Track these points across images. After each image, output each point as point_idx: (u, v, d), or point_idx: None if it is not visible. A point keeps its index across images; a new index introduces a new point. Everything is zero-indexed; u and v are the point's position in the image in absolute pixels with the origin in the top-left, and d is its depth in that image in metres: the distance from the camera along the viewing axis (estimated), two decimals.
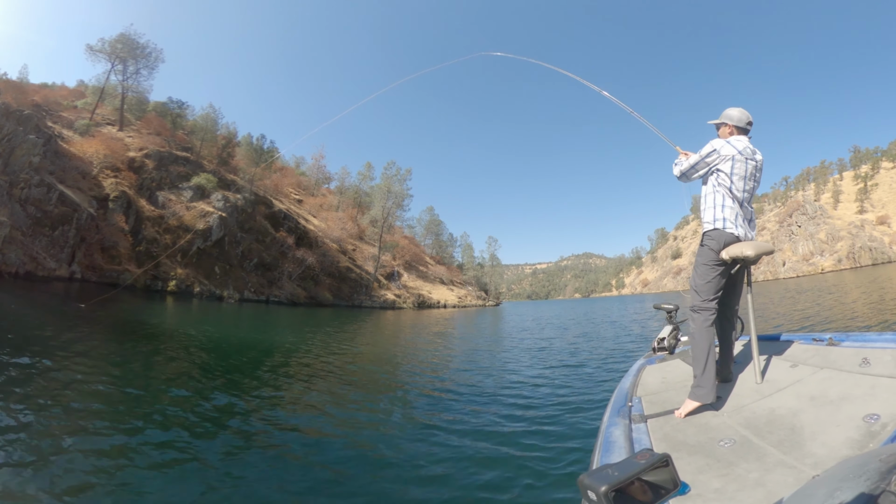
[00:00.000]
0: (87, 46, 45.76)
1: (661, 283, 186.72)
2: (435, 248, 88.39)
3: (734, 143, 2.70)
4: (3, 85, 38.96)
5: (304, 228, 51.12)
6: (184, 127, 52.91)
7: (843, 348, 2.57)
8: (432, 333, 19.57)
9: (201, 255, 36.89)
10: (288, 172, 71.65)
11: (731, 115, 2.83)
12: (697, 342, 2.54)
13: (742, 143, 2.72)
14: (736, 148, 2.68)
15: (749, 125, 2.83)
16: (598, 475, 1.00)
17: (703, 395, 2.34)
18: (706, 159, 2.77)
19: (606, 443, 2.03)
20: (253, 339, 14.24)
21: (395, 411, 6.34)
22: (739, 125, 2.81)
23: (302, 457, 4.37)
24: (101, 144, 37.33)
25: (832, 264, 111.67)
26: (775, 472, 1.58)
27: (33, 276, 25.32)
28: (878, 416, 1.71)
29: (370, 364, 10.83)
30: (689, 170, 2.87)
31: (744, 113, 2.82)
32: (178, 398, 6.18)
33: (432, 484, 3.77)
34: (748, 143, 2.76)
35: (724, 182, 2.70)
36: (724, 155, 2.69)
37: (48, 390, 5.75)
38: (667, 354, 3.79)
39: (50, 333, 10.06)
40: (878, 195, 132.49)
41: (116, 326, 13.91)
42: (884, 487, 0.69)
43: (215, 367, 8.84)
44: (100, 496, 3.36)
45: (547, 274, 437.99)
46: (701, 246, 2.76)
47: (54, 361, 7.28)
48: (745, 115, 2.82)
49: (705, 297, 2.64)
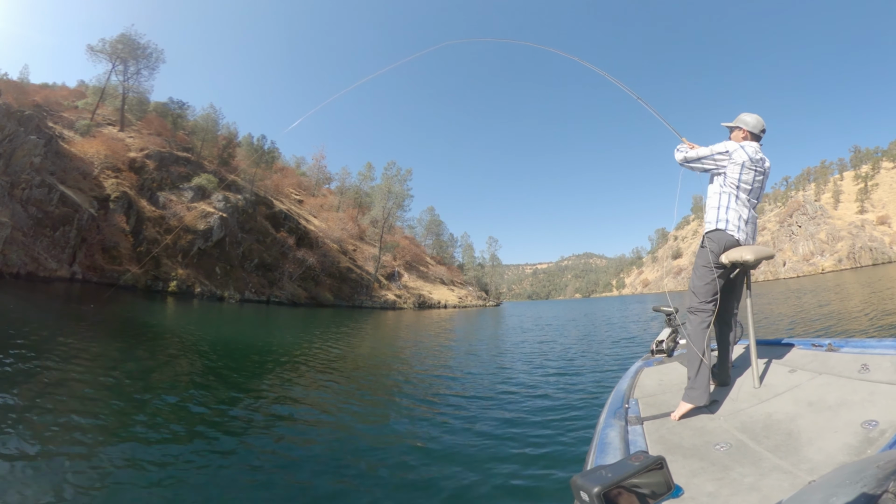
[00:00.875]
0: (87, 47, 45.89)
1: (662, 283, 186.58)
2: (435, 248, 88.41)
3: (747, 150, 2.69)
4: (4, 85, 38.97)
5: (305, 229, 51.15)
6: (184, 127, 52.95)
7: (842, 354, 2.56)
8: (432, 334, 19.58)
9: (202, 256, 36.92)
10: (288, 173, 71.74)
11: (746, 121, 2.82)
12: (693, 343, 2.54)
13: (753, 150, 2.71)
14: (748, 154, 2.67)
15: (762, 133, 2.82)
16: (592, 476, 1.00)
17: (697, 397, 2.35)
18: (715, 157, 2.74)
19: (601, 444, 2.03)
20: (254, 339, 14.25)
21: (392, 411, 6.35)
22: (754, 131, 2.80)
23: (300, 456, 4.40)
24: (101, 145, 37.39)
25: (832, 264, 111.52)
26: (770, 476, 1.57)
27: (34, 277, 25.36)
28: (877, 423, 1.70)
29: (370, 365, 10.84)
30: (695, 160, 2.84)
31: (759, 120, 2.81)
32: (182, 398, 6.20)
33: (429, 484, 3.79)
34: (759, 151, 2.75)
35: (731, 185, 2.69)
36: (734, 159, 2.67)
37: (61, 390, 5.79)
38: (665, 357, 3.78)
39: (62, 334, 10.11)
40: (878, 195, 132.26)
41: (120, 327, 13.95)
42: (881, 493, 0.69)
43: (217, 368, 8.86)
44: (101, 496, 3.38)
45: (547, 274, 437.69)
46: (701, 247, 2.75)
47: (61, 362, 7.32)
48: (761, 123, 2.81)
49: (703, 299, 2.63)
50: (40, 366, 7.02)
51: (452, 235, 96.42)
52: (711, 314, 2.61)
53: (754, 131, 2.80)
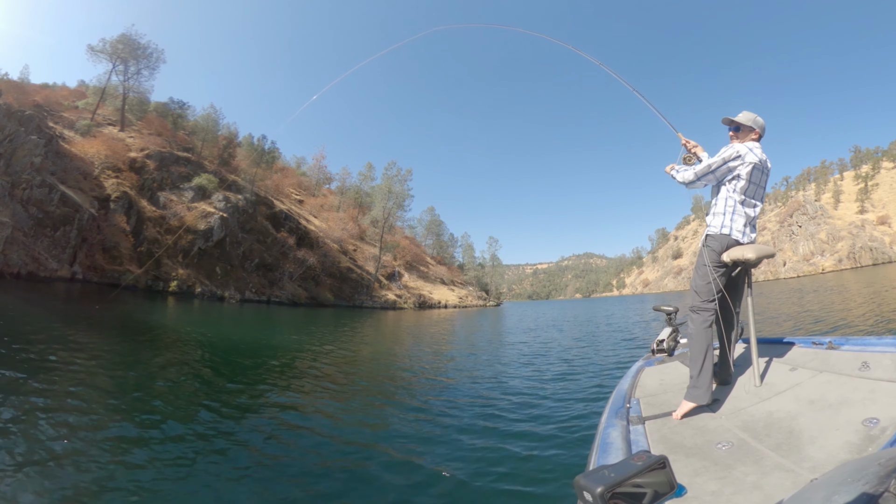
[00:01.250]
0: (88, 47, 45.91)
1: (662, 283, 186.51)
2: (436, 248, 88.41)
3: (755, 151, 2.64)
4: (4, 85, 38.96)
5: (305, 229, 51.15)
6: (184, 127, 52.95)
7: (842, 352, 2.55)
8: (432, 334, 19.59)
9: (203, 256, 36.93)
10: (289, 173, 71.73)
11: (757, 121, 2.77)
12: (695, 343, 2.54)
13: (760, 151, 2.68)
14: (757, 155, 2.63)
15: (763, 132, 2.80)
16: (595, 476, 1.00)
17: (699, 396, 2.36)
18: (730, 163, 2.65)
19: (603, 444, 2.03)
20: (254, 339, 14.27)
21: (391, 411, 6.36)
22: (761, 132, 2.76)
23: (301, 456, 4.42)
24: (102, 145, 37.41)
25: (833, 264, 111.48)
26: (772, 475, 1.58)
27: (35, 277, 25.36)
28: (878, 420, 1.71)
29: (370, 365, 10.87)
30: (706, 173, 2.72)
31: (761, 119, 2.79)
32: (185, 398, 6.22)
33: (428, 484, 3.79)
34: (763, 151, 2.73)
35: (741, 188, 2.65)
36: (747, 161, 2.61)
37: (68, 388, 5.80)
38: (665, 356, 3.78)
39: (73, 333, 10.13)
40: (878, 195, 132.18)
41: (124, 327, 13.97)
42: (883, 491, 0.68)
43: (220, 367, 8.89)
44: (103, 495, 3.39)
45: (548, 274, 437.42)
46: (703, 247, 2.73)
47: (67, 360, 7.35)
48: (763, 122, 2.79)
49: (705, 298, 2.62)
50: (55, 365, 7.05)
51: (453, 235, 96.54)
52: (713, 313, 2.61)
53: (762, 132, 2.76)
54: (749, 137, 2.75)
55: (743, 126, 2.77)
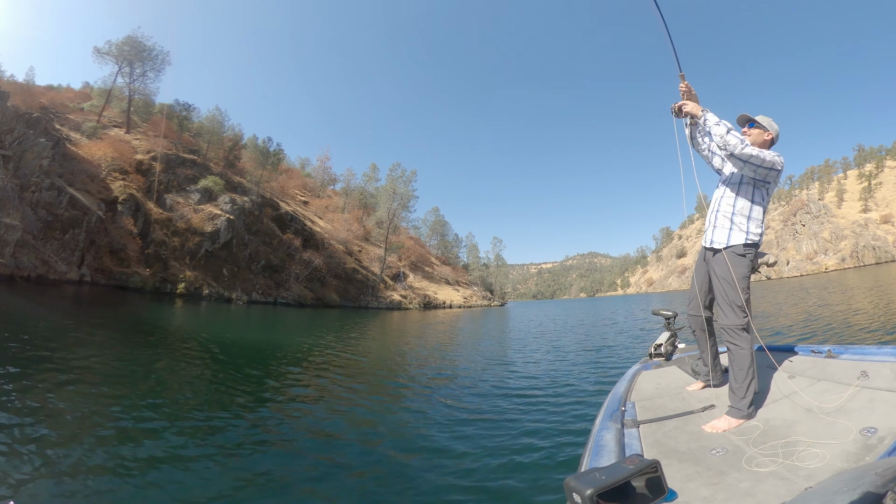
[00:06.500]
0: (94, 49, 46.09)
1: (666, 282, 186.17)
2: (440, 248, 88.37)
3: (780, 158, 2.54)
4: (11, 87, 39.07)
5: (311, 230, 51.23)
6: (190, 129, 52.94)
7: (841, 361, 2.55)
8: (437, 334, 19.59)
9: (210, 258, 37.02)
10: (294, 174, 71.85)
11: (772, 124, 2.66)
12: (744, 361, 2.37)
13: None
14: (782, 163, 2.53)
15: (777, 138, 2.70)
16: (585, 478, 1.00)
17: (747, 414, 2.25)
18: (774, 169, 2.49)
19: (597, 446, 2.01)
20: (263, 340, 14.29)
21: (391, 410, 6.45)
22: (776, 137, 2.67)
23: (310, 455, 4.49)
24: (108, 147, 37.51)
25: (836, 263, 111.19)
26: (767, 482, 1.55)
27: (44, 280, 25.43)
28: (876, 430, 1.70)
29: (375, 364, 10.92)
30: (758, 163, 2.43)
31: (776, 125, 2.70)
32: (192, 398, 6.23)
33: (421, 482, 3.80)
34: None
35: (767, 197, 2.59)
36: (780, 171, 2.52)
37: (79, 389, 5.82)
38: (663, 361, 3.76)
39: (89, 335, 10.16)
40: (881, 194, 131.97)
41: (131, 328, 14.00)
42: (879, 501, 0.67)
43: (229, 367, 8.95)
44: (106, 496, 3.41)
45: (552, 273, 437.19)
46: (740, 256, 2.51)
47: (77, 363, 7.37)
48: (778, 128, 2.70)
49: (747, 314, 2.45)
50: (75, 364, 7.07)
51: (457, 236, 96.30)
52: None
53: (776, 137, 2.67)
54: (762, 138, 2.64)
55: (759, 125, 2.66)
